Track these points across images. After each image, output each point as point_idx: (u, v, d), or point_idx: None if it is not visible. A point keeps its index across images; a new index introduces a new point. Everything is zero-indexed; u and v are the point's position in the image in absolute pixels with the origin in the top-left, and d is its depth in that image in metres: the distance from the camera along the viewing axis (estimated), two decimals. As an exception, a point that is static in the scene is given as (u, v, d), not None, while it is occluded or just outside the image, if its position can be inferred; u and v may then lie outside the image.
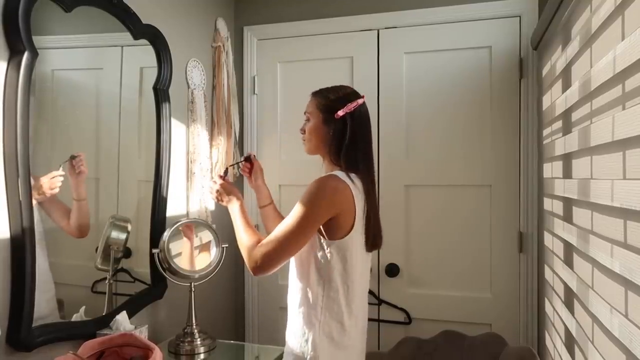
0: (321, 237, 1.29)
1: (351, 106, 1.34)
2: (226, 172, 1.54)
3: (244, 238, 1.33)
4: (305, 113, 1.43)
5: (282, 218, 1.58)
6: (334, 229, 1.28)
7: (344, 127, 1.34)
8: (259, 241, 1.29)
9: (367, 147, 1.39)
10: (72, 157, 1.42)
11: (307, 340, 1.29)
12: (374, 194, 1.39)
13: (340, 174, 1.30)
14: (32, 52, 1.23)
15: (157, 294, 1.78)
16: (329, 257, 1.28)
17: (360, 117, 1.36)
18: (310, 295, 1.30)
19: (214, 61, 2.19)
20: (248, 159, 1.57)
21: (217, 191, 1.47)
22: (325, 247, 1.28)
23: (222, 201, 1.46)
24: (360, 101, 1.37)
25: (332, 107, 1.36)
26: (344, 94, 1.38)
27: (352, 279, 1.31)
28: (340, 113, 1.34)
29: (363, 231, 1.33)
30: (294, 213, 1.26)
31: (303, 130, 1.43)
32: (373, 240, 1.37)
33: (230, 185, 1.47)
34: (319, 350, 1.28)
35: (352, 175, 1.32)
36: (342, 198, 1.27)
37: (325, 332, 1.29)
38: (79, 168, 1.43)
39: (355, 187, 1.30)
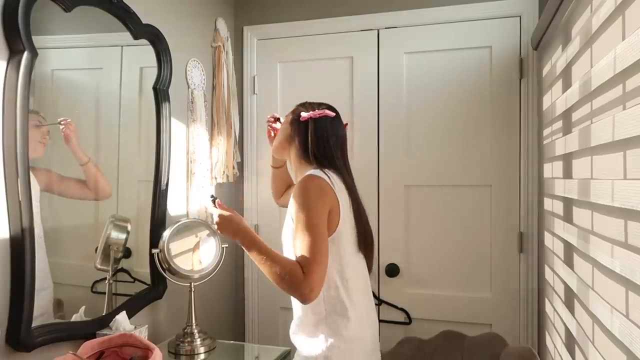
0: None
1: (316, 112, 1.40)
2: (214, 199, 1.40)
3: (278, 267, 1.21)
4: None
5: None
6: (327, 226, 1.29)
7: (306, 129, 1.41)
8: (296, 264, 1.20)
9: (335, 146, 1.41)
10: (59, 123, 1.39)
11: (317, 341, 1.31)
12: (356, 189, 1.42)
13: (316, 172, 1.33)
14: (31, 52, 1.23)
15: (157, 294, 1.78)
16: None
17: (324, 127, 1.40)
18: None
19: (214, 61, 2.19)
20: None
21: (217, 223, 1.33)
22: None
23: (229, 234, 1.32)
24: (329, 113, 1.41)
25: (300, 112, 1.45)
26: (317, 104, 1.46)
27: (349, 273, 1.33)
28: (304, 115, 1.41)
29: (353, 226, 1.35)
30: (303, 225, 1.23)
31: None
32: (364, 238, 1.39)
33: (229, 211, 1.34)
34: (331, 349, 1.29)
35: (327, 170, 1.35)
36: (327, 194, 1.29)
37: (333, 330, 1.30)
38: (66, 131, 1.39)
39: (333, 182, 1.32)
